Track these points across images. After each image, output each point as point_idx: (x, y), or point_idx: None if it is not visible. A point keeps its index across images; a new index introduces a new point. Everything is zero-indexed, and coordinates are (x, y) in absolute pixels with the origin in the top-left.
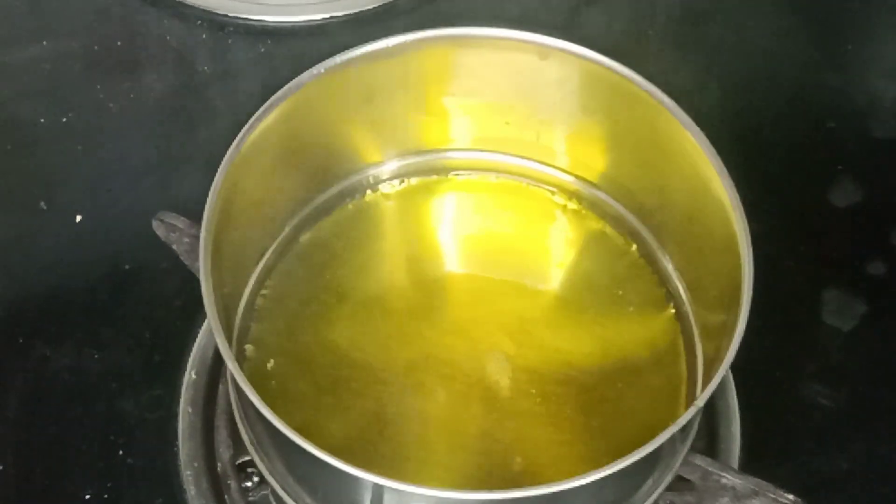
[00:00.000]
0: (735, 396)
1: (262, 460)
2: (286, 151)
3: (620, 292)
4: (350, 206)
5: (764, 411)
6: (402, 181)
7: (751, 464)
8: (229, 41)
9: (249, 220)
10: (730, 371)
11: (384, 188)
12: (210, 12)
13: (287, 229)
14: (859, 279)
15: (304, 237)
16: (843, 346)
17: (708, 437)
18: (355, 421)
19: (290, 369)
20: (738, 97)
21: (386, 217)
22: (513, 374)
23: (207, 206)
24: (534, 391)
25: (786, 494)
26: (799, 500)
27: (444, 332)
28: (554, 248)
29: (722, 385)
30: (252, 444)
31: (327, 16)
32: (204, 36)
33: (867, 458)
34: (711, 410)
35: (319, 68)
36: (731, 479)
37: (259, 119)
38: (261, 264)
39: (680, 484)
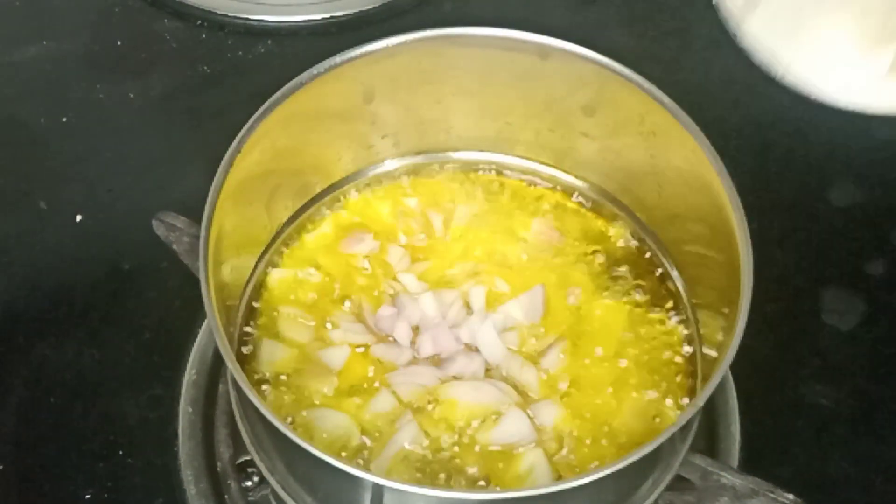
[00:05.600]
0: (735, 396)
1: (262, 460)
2: (286, 151)
3: (620, 291)
4: (349, 206)
5: (764, 411)
6: (402, 181)
7: (750, 463)
8: (229, 41)
9: (249, 219)
10: (730, 371)
11: (383, 188)
12: (210, 12)
13: (287, 229)
14: (859, 279)
15: (304, 236)
16: (843, 345)
17: (708, 436)
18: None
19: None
20: (737, 97)
21: (385, 216)
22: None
23: (207, 206)
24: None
25: (785, 494)
26: (798, 499)
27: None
28: (553, 247)
29: (722, 385)
30: (252, 443)
31: (327, 16)
32: (204, 36)
33: (867, 458)
34: (711, 410)
35: (319, 68)
36: (730, 478)
37: (259, 119)
38: (261, 264)
39: (680, 483)
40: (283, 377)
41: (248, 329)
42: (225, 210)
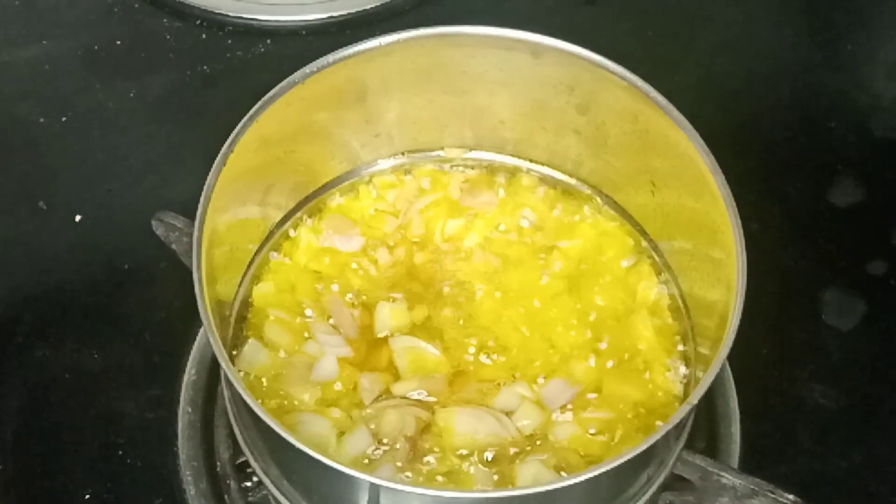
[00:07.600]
0: (735, 396)
1: (257, 461)
2: (279, 150)
3: (617, 290)
4: (343, 204)
5: (764, 411)
6: (396, 180)
7: (750, 463)
8: (229, 41)
9: (243, 218)
10: (730, 371)
11: (377, 187)
12: (210, 12)
13: (281, 228)
14: (859, 279)
15: (299, 235)
16: (843, 346)
17: (708, 437)
18: None
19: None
20: (738, 97)
21: (380, 215)
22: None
23: (200, 206)
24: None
25: (785, 494)
26: (799, 499)
27: (441, 330)
28: (549, 247)
29: (722, 385)
30: (246, 443)
31: (327, 16)
32: (204, 36)
33: (867, 458)
34: (711, 410)
35: (311, 68)
36: (730, 478)
37: (251, 119)
38: (255, 263)
39: (680, 483)
40: (263, 380)
41: (243, 328)
42: (219, 209)
